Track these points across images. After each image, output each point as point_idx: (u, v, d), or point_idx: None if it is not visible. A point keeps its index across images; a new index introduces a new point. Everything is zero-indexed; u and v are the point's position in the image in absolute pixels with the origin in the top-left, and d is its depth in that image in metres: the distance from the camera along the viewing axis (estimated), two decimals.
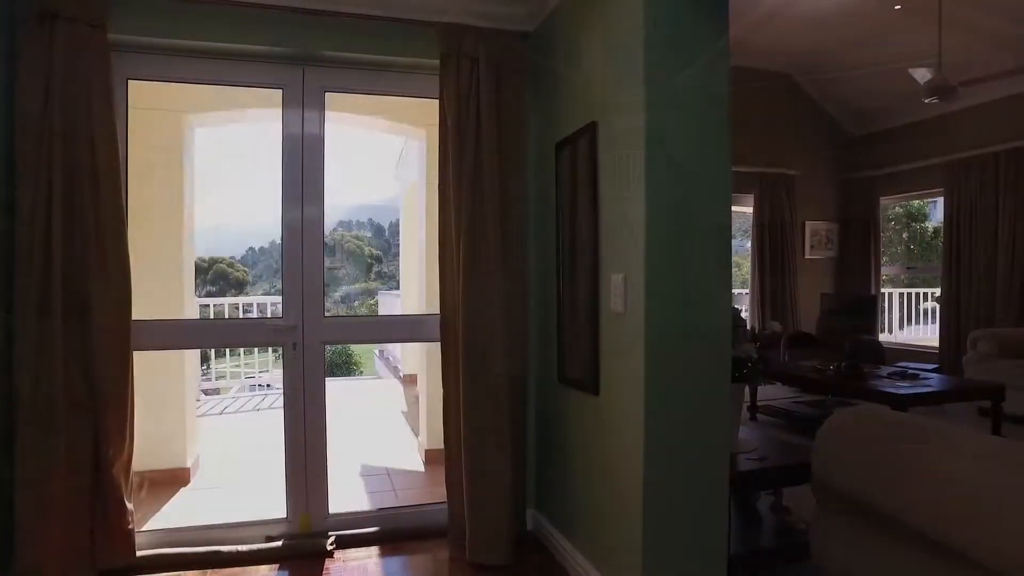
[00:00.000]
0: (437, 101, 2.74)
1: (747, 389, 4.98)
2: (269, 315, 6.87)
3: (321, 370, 2.82)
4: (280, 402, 2.93)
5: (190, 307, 3.88)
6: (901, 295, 8.79)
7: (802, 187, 7.54)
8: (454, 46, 2.67)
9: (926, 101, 4.70)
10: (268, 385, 7.47)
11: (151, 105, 3.50)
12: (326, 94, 2.82)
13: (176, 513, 3.24)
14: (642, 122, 1.92)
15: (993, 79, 4.70)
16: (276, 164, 2.79)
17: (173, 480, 3.64)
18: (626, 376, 2.04)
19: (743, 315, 7.40)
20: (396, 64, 2.86)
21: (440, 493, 2.90)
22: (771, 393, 5.89)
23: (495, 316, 2.64)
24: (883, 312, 8.19)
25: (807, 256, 7.66)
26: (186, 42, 2.58)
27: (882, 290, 7.94)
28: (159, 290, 3.57)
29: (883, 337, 7.89)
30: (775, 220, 7.34)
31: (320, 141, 2.81)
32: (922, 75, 4.57)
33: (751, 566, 2.44)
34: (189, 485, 3.68)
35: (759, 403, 5.22)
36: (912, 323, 8.93)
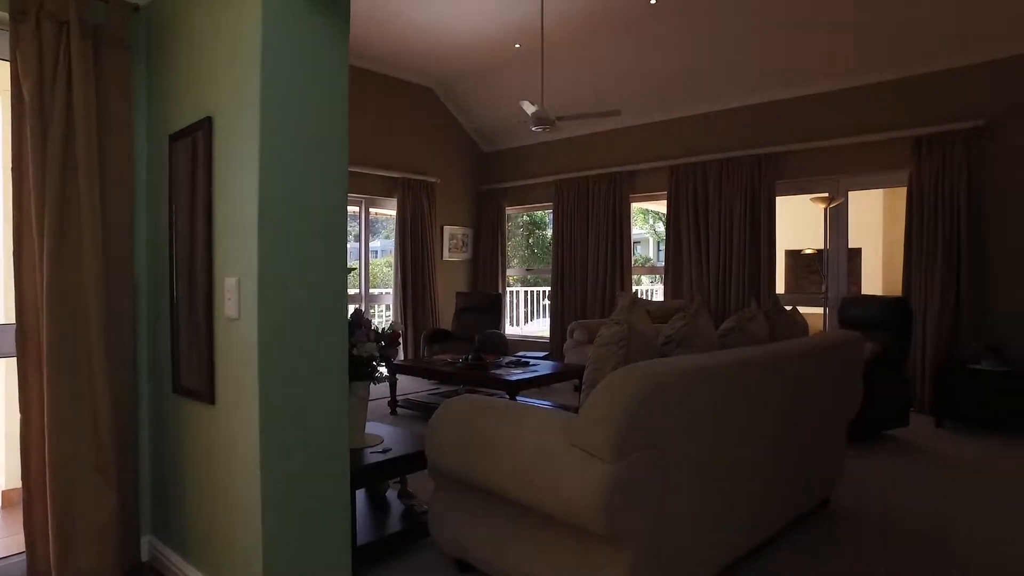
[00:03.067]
0: (8, 64, 2.26)
1: (388, 384, 5.25)
2: None
3: None
4: None
5: None
6: (525, 292, 10.27)
7: (442, 194, 8.24)
8: (33, 0, 2.23)
9: (533, 129, 5.56)
10: None
11: None
12: None
13: None
14: (258, 120, 1.87)
15: (580, 117, 5.78)
16: None
17: None
18: (242, 382, 1.96)
19: (371, 313, 7.76)
20: None
21: (21, 541, 2.40)
22: (415, 386, 6.31)
23: (91, 323, 2.28)
24: (511, 308, 9.44)
25: (445, 258, 8.39)
26: None
27: (509, 288, 9.14)
28: None
29: (510, 330, 9.10)
30: (416, 223, 7.84)
31: None
32: (529, 107, 5.39)
33: (378, 552, 2.59)
34: None
35: (399, 397, 5.53)
36: (534, 317, 10.50)
